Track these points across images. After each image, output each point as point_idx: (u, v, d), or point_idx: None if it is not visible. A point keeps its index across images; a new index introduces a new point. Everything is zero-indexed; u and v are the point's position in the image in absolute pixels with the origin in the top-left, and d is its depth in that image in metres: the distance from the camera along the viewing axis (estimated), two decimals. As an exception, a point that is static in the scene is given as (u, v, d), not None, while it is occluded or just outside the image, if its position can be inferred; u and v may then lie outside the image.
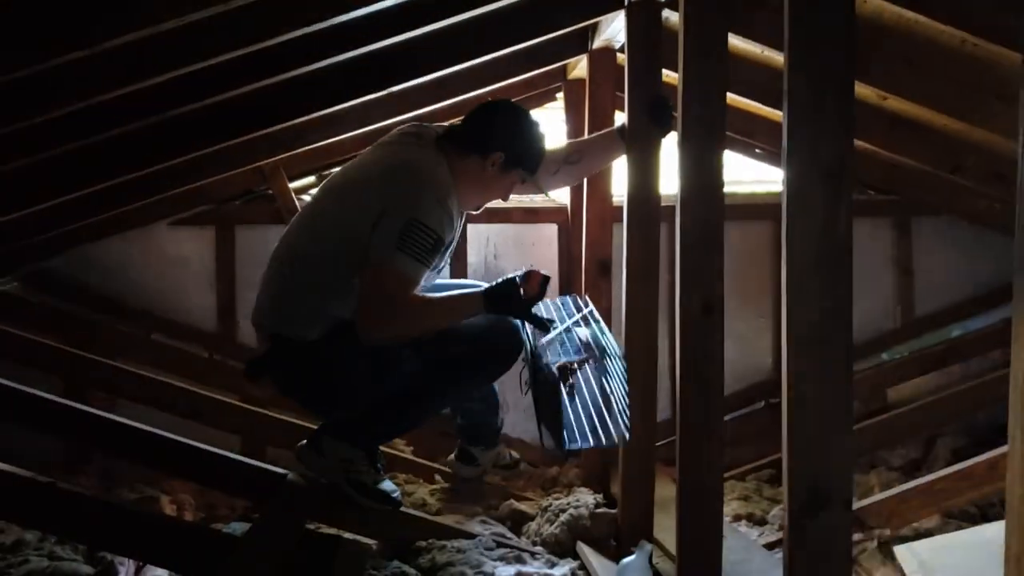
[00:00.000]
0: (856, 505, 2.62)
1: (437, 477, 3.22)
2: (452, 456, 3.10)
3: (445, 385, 2.58)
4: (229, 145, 2.86)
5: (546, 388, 2.36)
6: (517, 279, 2.39)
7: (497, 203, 2.76)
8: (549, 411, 2.35)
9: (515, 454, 3.26)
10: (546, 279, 2.42)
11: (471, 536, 2.54)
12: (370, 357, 2.43)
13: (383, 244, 2.31)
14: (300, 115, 2.77)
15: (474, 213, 2.74)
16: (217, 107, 2.42)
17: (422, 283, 2.43)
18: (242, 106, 2.51)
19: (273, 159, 3.45)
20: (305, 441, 2.61)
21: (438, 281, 2.68)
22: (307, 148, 3.40)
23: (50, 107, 1.82)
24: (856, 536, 2.53)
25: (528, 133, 2.59)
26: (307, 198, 3.91)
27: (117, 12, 1.45)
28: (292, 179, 3.80)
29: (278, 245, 2.60)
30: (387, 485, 2.61)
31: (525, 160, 2.58)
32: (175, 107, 2.24)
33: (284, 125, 2.81)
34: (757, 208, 3.94)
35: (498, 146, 2.52)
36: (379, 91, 2.76)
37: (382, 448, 2.82)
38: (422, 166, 2.45)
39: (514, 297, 2.38)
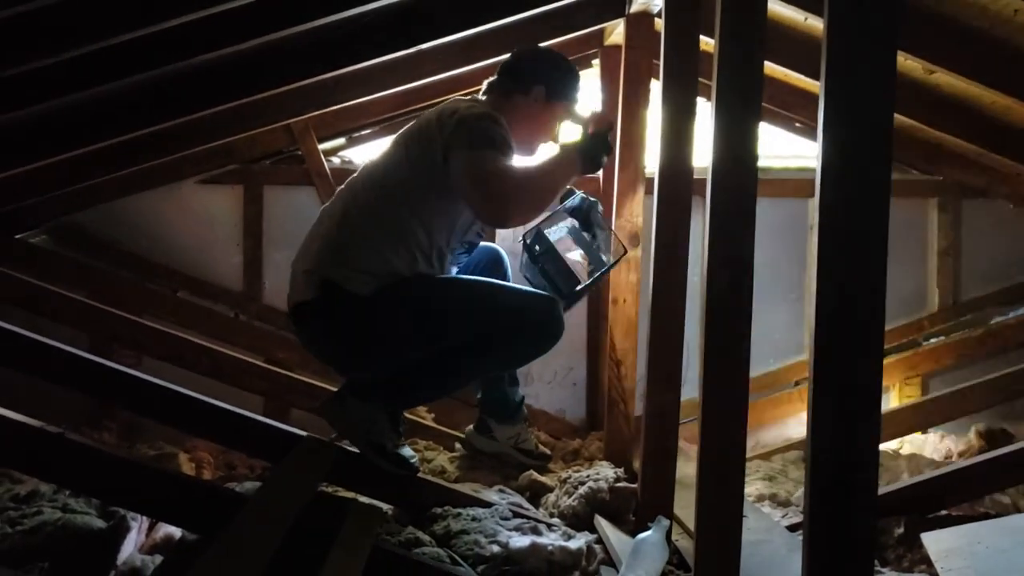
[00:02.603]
0: (885, 490, 2.56)
1: (457, 445, 3.20)
2: (471, 427, 3.07)
3: (480, 359, 2.56)
4: (258, 99, 2.82)
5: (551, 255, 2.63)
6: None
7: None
8: (560, 270, 2.62)
9: (546, 450, 3.17)
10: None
11: (487, 505, 2.51)
12: (414, 321, 2.43)
13: (461, 146, 2.34)
14: (328, 70, 2.72)
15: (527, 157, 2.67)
16: (244, 56, 2.38)
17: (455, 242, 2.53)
18: (270, 56, 2.47)
19: (302, 117, 3.41)
20: (332, 395, 2.60)
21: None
22: (337, 107, 3.35)
23: (65, 45, 1.77)
24: (882, 521, 2.47)
25: (562, 64, 2.68)
26: (336, 160, 3.89)
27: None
28: (322, 140, 3.77)
29: (335, 197, 2.58)
30: (406, 451, 2.60)
31: (566, 90, 2.65)
32: (199, 53, 2.19)
33: (313, 80, 2.76)
34: (795, 184, 3.85)
35: (537, 80, 2.60)
36: (408, 47, 2.69)
37: (404, 414, 2.80)
38: (475, 104, 2.50)
39: (603, 150, 2.51)
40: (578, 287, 2.66)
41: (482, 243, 2.84)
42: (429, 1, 2.42)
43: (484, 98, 2.63)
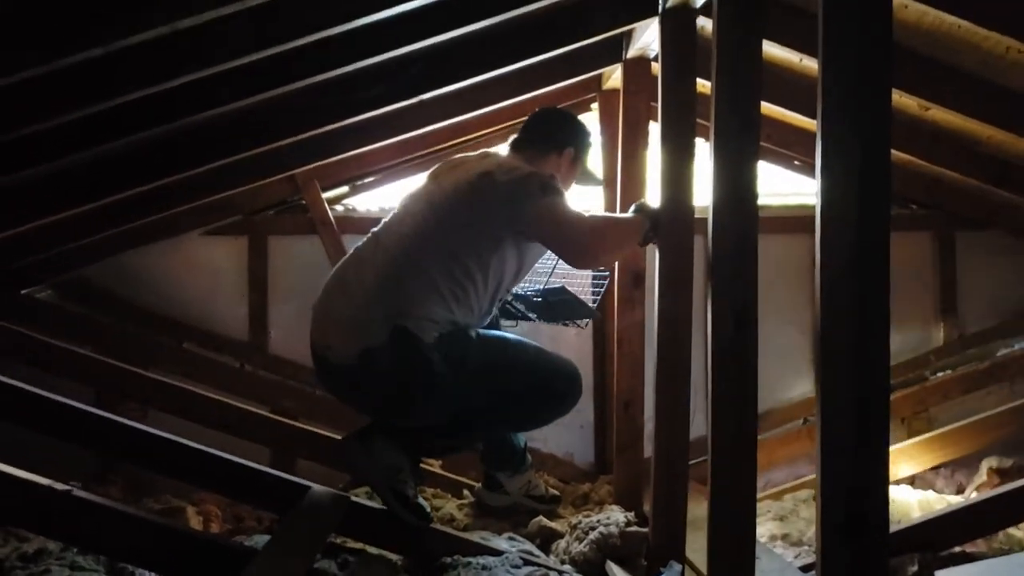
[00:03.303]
0: (896, 528, 2.54)
1: (465, 492, 3.18)
2: (479, 485, 3.05)
3: (508, 416, 2.68)
4: (260, 153, 2.84)
5: (555, 295, 2.89)
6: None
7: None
8: (567, 303, 2.89)
9: (555, 492, 3.14)
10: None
11: (498, 553, 2.49)
12: (471, 373, 2.51)
13: (532, 196, 2.48)
14: (330, 123, 2.75)
15: None
16: (246, 112, 2.41)
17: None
18: (271, 112, 2.50)
19: (305, 168, 3.44)
20: (354, 436, 2.59)
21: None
22: (339, 157, 3.38)
23: (69, 108, 1.80)
24: (896, 560, 2.45)
25: (585, 128, 2.89)
26: (340, 208, 3.91)
27: (131, 11, 1.43)
28: (325, 189, 3.79)
29: (375, 247, 2.62)
30: (420, 501, 2.59)
31: (588, 150, 2.88)
32: (200, 111, 2.22)
33: (315, 132, 2.79)
34: (799, 220, 3.86)
35: (568, 141, 2.79)
36: (410, 99, 2.72)
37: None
38: (517, 162, 2.67)
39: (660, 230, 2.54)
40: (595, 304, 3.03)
41: None
42: (429, 55, 2.44)
43: (515, 154, 2.76)
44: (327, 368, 2.60)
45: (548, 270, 3.01)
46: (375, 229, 2.70)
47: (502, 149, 2.88)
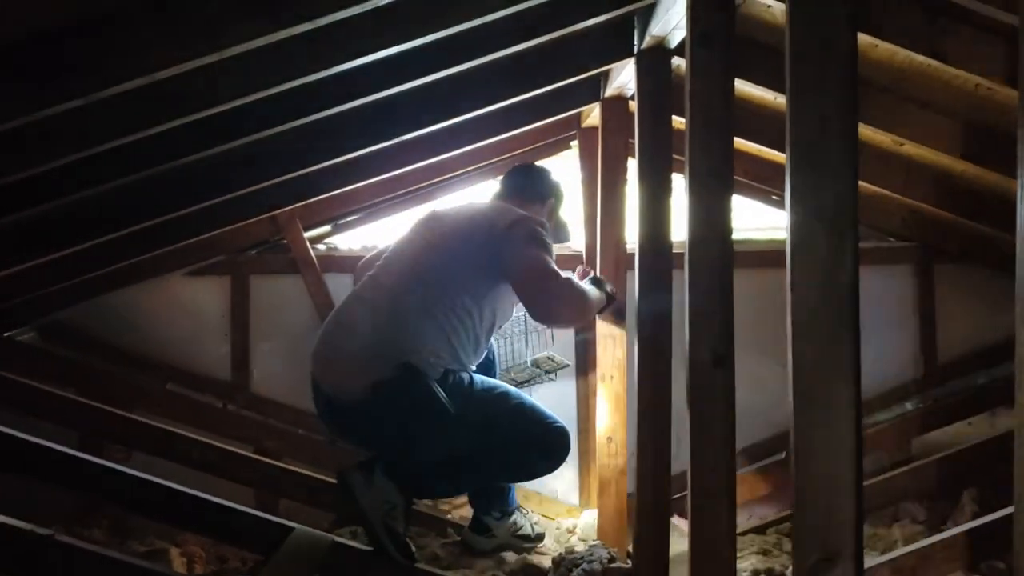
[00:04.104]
0: (878, 560, 2.54)
1: (449, 530, 3.17)
2: (467, 527, 3.05)
3: (500, 460, 2.74)
4: (243, 194, 2.86)
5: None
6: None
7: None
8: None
9: (540, 528, 3.15)
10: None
11: (482, 591, 2.49)
12: (470, 412, 2.61)
13: (519, 244, 2.65)
14: (308, 165, 2.77)
15: None
16: (225, 156, 2.43)
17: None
18: (249, 155, 2.52)
19: (286, 208, 3.46)
20: (355, 466, 2.61)
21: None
22: (321, 197, 3.40)
23: (52, 156, 1.82)
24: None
25: (560, 184, 3.14)
26: (322, 247, 3.93)
27: (114, 58, 1.46)
28: (307, 228, 3.81)
29: (374, 287, 2.78)
30: (407, 541, 2.61)
31: (561, 206, 3.11)
32: (181, 157, 2.25)
33: (294, 175, 2.81)
34: (776, 255, 3.88)
35: (549, 193, 3.05)
36: (388, 140, 2.75)
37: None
38: (513, 209, 2.86)
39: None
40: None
41: None
42: (406, 98, 2.48)
43: (505, 201, 2.98)
44: (334, 408, 2.70)
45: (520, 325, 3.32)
46: (371, 272, 2.82)
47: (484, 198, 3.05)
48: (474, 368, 2.80)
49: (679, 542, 2.52)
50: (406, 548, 2.57)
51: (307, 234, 3.81)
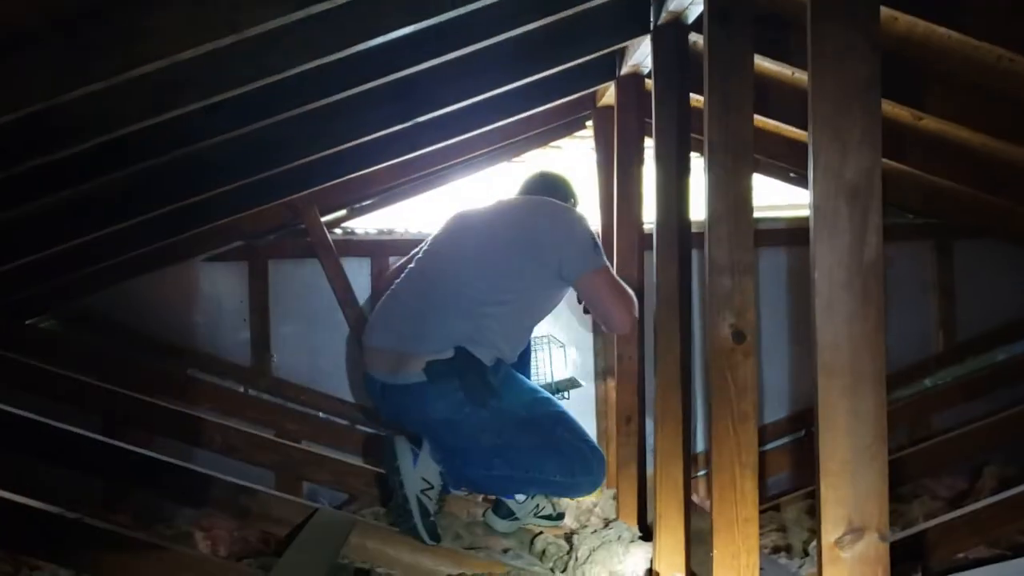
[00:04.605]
0: (899, 536, 2.54)
1: (472, 511, 3.18)
2: (488, 510, 3.06)
3: (542, 466, 2.77)
4: (261, 179, 2.87)
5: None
6: None
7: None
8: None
9: (560, 507, 3.18)
10: None
11: (502, 569, 2.50)
12: (512, 408, 2.77)
13: (583, 255, 2.75)
14: (324, 149, 2.77)
15: None
16: (243, 141, 2.43)
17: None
18: (267, 140, 2.53)
19: (304, 193, 3.47)
20: (407, 436, 2.73)
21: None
22: (337, 181, 3.40)
23: (71, 142, 1.83)
24: (899, 567, 2.45)
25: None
26: (339, 231, 3.93)
27: (130, 43, 1.46)
28: (324, 212, 3.82)
29: (421, 276, 2.87)
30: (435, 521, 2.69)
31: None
32: (198, 142, 2.25)
33: (311, 158, 2.81)
34: (796, 232, 3.88)
35: (571, 196, 3.17)
36: (404, 122, 2.75)
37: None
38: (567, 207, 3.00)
39: None
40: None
41: None
42: (421, 78, 2.47)
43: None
44: (387, 393, 2.80)
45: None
46: (412, 267, 2.92)
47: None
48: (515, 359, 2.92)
49: (700, 520, 2.53)
50: (433, 528, 2.62)
51: (324, 218, 3.82)
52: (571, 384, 3.56)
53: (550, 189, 3.11)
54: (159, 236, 3.24)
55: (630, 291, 2.81)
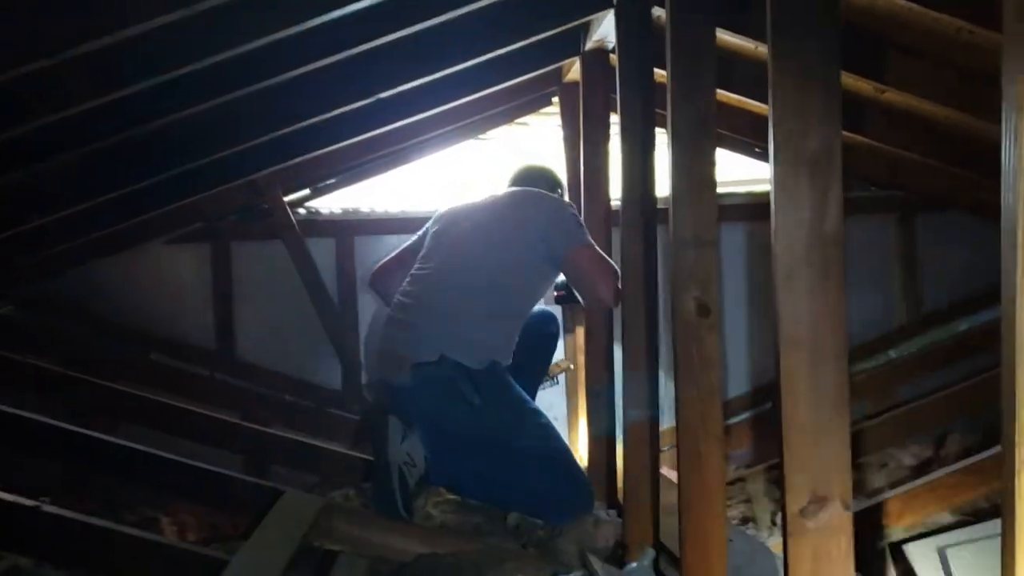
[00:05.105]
0: (865, 504, 2.58)
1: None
2: None
3: (523, 477, 2.71)
4: (220, 157, 2.83)
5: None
6: None
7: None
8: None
9: None
10: None
11: (473, 547, 2.50)
12: (496, 410, 2.71)
13: (567, 234, 2.77)
14: (285, 126, 2.74)
15: None
16: (201, 118, 2.39)
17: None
18: (225, 117, 2.49)
19: (265, 172, 3.43)
20: (398, 417, 2.72)
21: None
22: (299, 160, 3.37)
23: (21, 120, 1.79)
24: (864, 535, 2.48)
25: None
26: (303, 211, 3.90)
27: (79, 17, 1.42)
28: (287, 192, 3.78)
29: (445, 269, 2.84)
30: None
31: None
32: (155, 119, 2.21)
33: (271, 136, 2.78)
34: (759, 207, 3.88)
35: (557, 185, 3.27)
36: (365, 99, 2.72)
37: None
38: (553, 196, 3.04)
39: None
40: None
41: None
42: (382, 54, 2.44)
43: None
44: (392, 393, 2.81)
45: None
46: (413, 272, 2.91)
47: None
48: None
49: (669, 493, 2.54)
50: (408, 502, 2.63)
51: (287, 198, 3.78)
52: (561, 368, 3.57)
53: (536, 180, 3.15)
54: (117, 218, 3.19)
55: (614, 265, 2.81)
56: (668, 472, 2.85)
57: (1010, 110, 0.84)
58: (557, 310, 3.61)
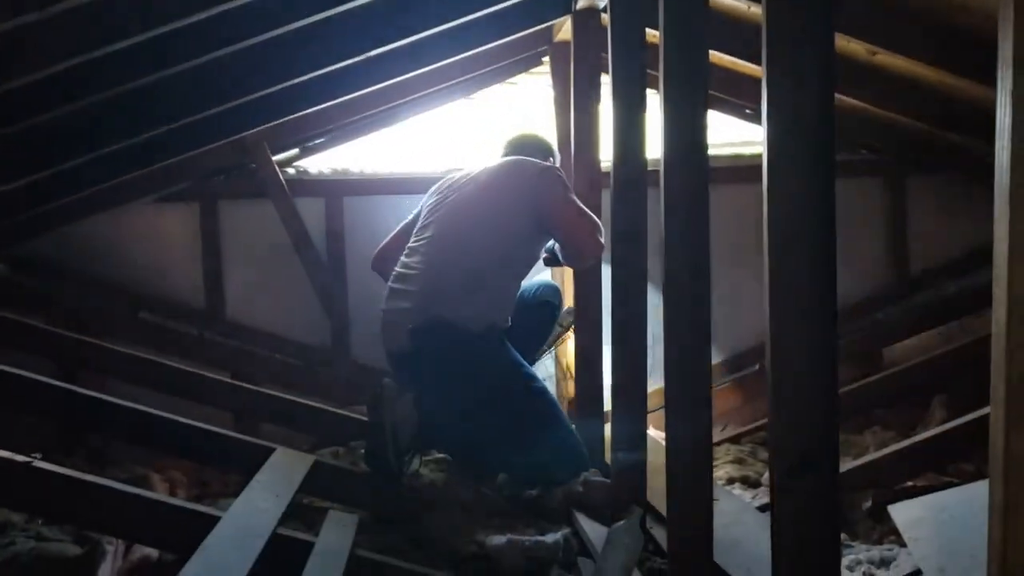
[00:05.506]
0: (850, 465, 2.61)
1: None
2: None
3: (512, 450, 2.75)
4: (208, 116, 2.80)
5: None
6: None
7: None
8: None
9: None
10: None
11: (463, 505, 2.53)
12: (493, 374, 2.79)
13: (553, 193, 2.85)
14: (272, 85, 2.71)
15: None
16: (189, 76, 2.37)
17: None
18: (213, 75, 2.46)
19: (253, 130, 3.40)
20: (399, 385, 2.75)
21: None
22: (288, 118, 3.34)
23: (7, 76, 1.76)
24: (851, 496, 2.52)
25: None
26: (292, 171, 3.88)
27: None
28: (275, 152, 3.75)
29: (450, 237, 2.89)
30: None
31: (558, 163, 3.25)
32: (142, 77, 2.19)
33: (259, 95, 2.75)
34: (752, 169, 3.87)
35: (550, 152, 3.25)
36: (354, 57, 2.69)
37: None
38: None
39: None
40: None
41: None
42: (372, 11, 2.42)
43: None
44: (394, 362, 2.90)
45: None
46: (416, 244, 2.95)
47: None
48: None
49: (656, 454, 2.57)
50: (400, 465, 2.66)
51: (276, 157, 3.76)
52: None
53: (528, 148, 3.17)
54: (105, 176, 3.17)
55: (597, 220, 2.89)
56: (656, 433, 2.88)
57: (1005, 68, 0.83)
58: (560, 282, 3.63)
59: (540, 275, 3.45)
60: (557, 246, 3.02)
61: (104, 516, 2.03)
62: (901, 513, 2.18)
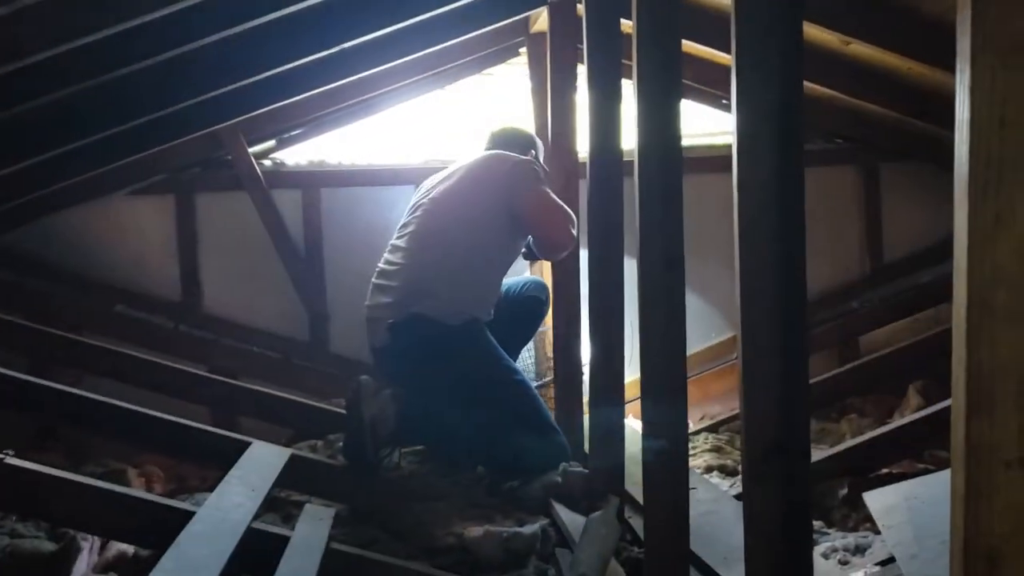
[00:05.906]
0: (826, 453, 2.62)
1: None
2: None
3: (492, 441, 2.75)
4: (183, 108, 2.78)
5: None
6: None
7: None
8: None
9: None
10: None
11: (442, 499, 2.53)
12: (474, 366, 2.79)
13: (525, 186, 2.86)
14: (247, 76, 2.69)
15: None
16: (163, 68, 2.35)
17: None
18: (186, 67, 2.44)
19: (228, 122, 3.38)
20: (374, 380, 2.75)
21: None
22: (264, 110, 3.32)
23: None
24: (826, 483, 2.53)
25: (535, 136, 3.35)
26: (268, 163, 3.85)
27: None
28: (251, 144, 3.73)
29: (429, 232, 2.89)
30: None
31: (541, 155, 3.23)
32: (115, 69, 2.17)
33: (234, 86, 2.73)
34: (726, 159, 3.88)
35: (532, 145, 3.20)
36: (329, 48, 2.68)
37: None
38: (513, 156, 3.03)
39: None
40: None
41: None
42: (349, 1, 2.40)
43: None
44: (376, 356, 2.93)
45: None
46: (397, 241, 2.96)
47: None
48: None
49: (634, 443, 2.57)
50: (378, 458, 2.67)
51: (252, 149, 3.74)
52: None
53: (509, 142, 3.16)
54: (79, 169, 3.14)
55: (570, 212, 2.91)
56: (633, 422, 2.89)
57: (963, 62, 0.84)
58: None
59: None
60: (531, 238, 3.02)
61: (78, 512, 2.01)
62: (875, 500, 2.20)
